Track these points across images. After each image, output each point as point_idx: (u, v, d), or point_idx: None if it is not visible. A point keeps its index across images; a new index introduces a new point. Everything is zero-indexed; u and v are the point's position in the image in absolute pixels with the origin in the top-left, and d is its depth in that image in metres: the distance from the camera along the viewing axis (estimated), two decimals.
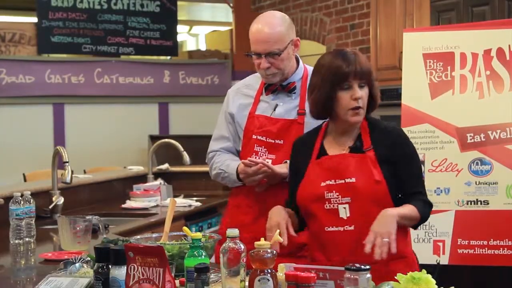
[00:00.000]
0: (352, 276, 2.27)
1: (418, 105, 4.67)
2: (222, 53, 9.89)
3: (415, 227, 2.98)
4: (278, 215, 2.93)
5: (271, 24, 3.27)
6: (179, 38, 10.52)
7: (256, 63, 3.30)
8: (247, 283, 2.45)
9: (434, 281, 2.49)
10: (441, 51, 4.67)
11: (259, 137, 3.31)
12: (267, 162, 3.22)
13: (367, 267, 2.28)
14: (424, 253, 4.47)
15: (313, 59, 8.12)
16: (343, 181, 2.87)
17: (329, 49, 8.12)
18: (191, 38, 12.92)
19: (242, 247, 2.49)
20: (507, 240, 4.34)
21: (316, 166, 2.95)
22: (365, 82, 2.88)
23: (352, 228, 2.86)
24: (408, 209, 2.84)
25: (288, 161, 3.21)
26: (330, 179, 2.89)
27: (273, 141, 3.30)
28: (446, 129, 4.57)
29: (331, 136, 3.00)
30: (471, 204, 4.45)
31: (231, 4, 9.65)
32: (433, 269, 4.25)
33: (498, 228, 4.38)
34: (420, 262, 4.28)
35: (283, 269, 2.56)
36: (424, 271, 2.52)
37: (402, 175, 2.91)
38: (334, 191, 2.88)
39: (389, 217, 2.78)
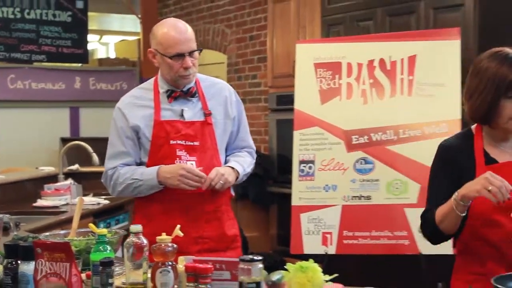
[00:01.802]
0: (245, 267, 2.28)
1: (309, 109, 4.72)
2: (130, 61, 9.81)
3: None
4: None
5: (184, 26, 3.18)
6: (90, 46, 10.35)
7: (177, 65, 3.13)
8: (149, 275, 2.45)
9: (320, 270, 2.52)
10: (330, 61, 4.73)
11: (179, 142, 3.17)
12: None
13: (260, 258, 2.30)
14: (313, 244, 4.56)
15: (215, 67, 8.12)
16: None
17: (230, 58, 8.15)
18: (101, 46, 12.74)
19: (145, 242, 2.48)
20: (386, 231, 4.46)
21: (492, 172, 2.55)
22: None
23: None
24: None
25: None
26: None
27: (191, 144, 3.18)
28: (334, 132, 4.64)
29: (492, 142, 2.67)
30: (355, 199, 4.53)
31: (139, 15, 9.58)
32: (321, 259, 4.35)
33: (379, 221, 4.48)
34: (310, 252, 4.40)
35: (183, 261, 2.56)
36: (311, 260, 2.56)
37: None
38: None
39: None
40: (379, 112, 4.57)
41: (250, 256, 2.30)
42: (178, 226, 2.76)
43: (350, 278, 2.80)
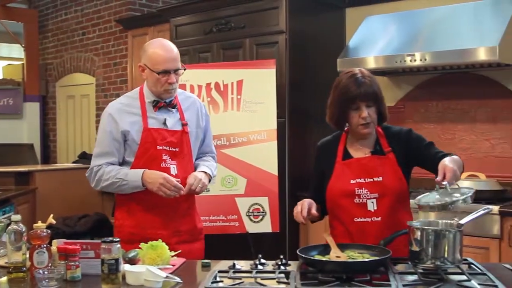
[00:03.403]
0: (107, 247, 2.19)
1: None
2: (15, 81, 9.30)
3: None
4: (306, 201, 2.51)
5: (173, 47, 2.89)
6: None
7: (163, 80, 2.83)
8: (28, 256, 2.34)
9: (167, 247, 2.48)
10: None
11: (164, 147, 2.87)
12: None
13: (117, 239, 2.21)
14: None
15: (86, 87, 7.76)
16: (371, 179, 2.52)
17: (98, 80, 7.88)
18: None
19: (24, 228, 2.34)
20: (221, 215, 4.46)
21: (344, 166, 2.57)
22: (372, 103, 2.50)
23: (379, 219, 2.49)
24: (458, 159, 2.38)
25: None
26: (360, 178, 2.53)
27: (174, 150, 2.88)
28: None
29: (352, 141, 2.62)
30: None
31: (23, 45, 9.14)
32: None
33: (215, 208, 4.46)
34: None
35: (56, 244, 2.45)
36: (160, 240, 2.50)
37: (424, 151, 2.55)
38: (363, 188, 2.51)
39: (459, 160, 2.37)
40: (215, 123, 4.48)
41: (110, 238, 2.22)
42: (51, 215, 2.64)
43: None
